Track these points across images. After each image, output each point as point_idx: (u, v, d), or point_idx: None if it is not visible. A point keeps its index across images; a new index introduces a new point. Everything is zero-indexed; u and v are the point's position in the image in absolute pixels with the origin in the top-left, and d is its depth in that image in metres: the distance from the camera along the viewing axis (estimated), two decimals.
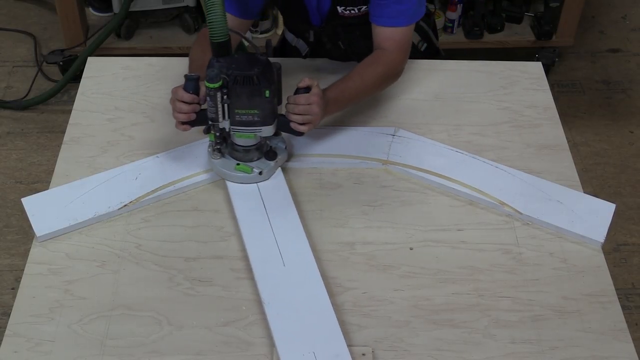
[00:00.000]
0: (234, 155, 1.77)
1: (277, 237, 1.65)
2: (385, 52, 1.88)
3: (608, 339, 1.54)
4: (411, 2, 1.85)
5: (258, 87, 1.62)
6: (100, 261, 1.64)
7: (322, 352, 1.46)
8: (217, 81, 1.61)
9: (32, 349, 1.49)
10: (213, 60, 1.64)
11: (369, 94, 1.91)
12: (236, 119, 1.67)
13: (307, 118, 1.70)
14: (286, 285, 1.57)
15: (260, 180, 1.76)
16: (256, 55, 1.65)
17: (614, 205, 1.78)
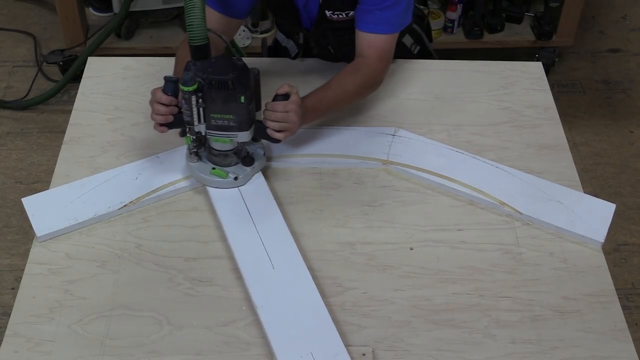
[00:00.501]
0: (211, 159, 1.75)
1: (264, 241, 1.65)
2: (366, 60, 1.87)
3: (608, 339, 1.54)
4: (396, 10, 1.84)
5: (233, 93, 1.60)
6: (101, 261, 1.64)
7: (320, 353, 1.46)
8: (192, 84, 1.59)
9: (32, 349, 1.49)
10: (190, 63, 1.63)
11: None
12: (212, 123, 1.66)
13: (284, 126, 1.68)
14: (277, 288, 1.57)
15: (235, 186, 1.74)
16: (234, 60, 1.63)
17: (614, 205, 1.78)
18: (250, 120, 1.67)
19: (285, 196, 1.79)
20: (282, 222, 1.69)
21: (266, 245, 1.64)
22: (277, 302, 1.54)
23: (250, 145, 1.78)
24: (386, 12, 1.83)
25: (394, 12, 1.84)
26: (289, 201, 1.78)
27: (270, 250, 1.63)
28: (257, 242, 1.64)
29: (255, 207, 1.72)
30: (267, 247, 1.63)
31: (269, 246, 1.64)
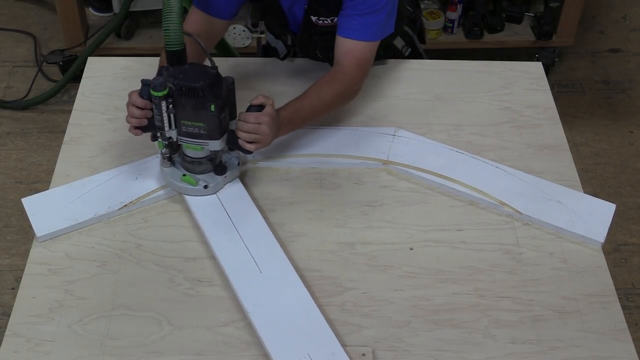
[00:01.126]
0: (184, 165, 1.74)
1: (248, 246, 1.64)
2: (344, 69, 1.84)
3: (608, 339, 1.54)
4: (377, 18, 1.82)
5: (203, 101, 1.58)
6: (101, 261, 1.64)
7: (317, 354, 1.46)
8: (162, 90, 1.58)
9: (32, 349, 1.49)
10: (163, 68, 1.62)
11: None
12: (182, 130, 1.64)
13: (255, 137, 1.65)
14: (267, 291, 1.56)
15: (205, 194, 1.72)
16: (207, 67, 1.62)
17: (614, 205, 1.78)
18: (222, 130, 1.65)
19: (285, 196, 1.79)
20: (264, 225, 1.68)
21: (251, 250, 1.63)
22: (268, 306, 1.53)
23: (225, 154, 1.76)
24: (367, 19, 1.81)
25: (375, 19, 1.82)
26: (289, 201, 1.78)
27: (256, 255, 1.62)
28: (242, 247, 1.63)
29: (235, 213, 1.70)
30: (252, 252, 1.62)
31: (254, 251, 1.63)
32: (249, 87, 1.99)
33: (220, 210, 1.71)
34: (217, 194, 1.74)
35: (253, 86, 2.01)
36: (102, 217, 1.71)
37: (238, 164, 1.77)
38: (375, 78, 2.09)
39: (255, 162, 1.84)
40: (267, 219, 1.73)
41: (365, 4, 1.79)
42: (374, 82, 2.08)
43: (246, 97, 1.70)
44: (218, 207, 1.72)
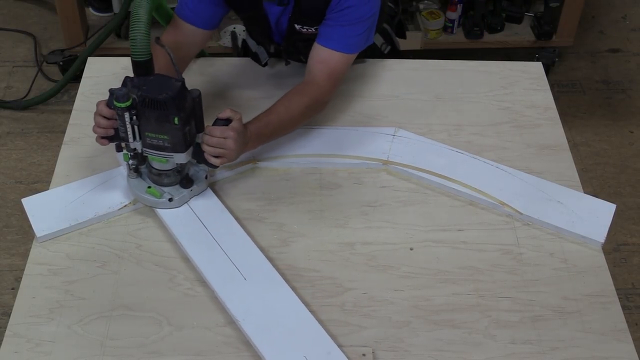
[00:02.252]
0: (151, 177, 1.71)
1: (229, 254, 1.62)
2: (315, 80, 1.82)
3: (608, 339, 1.54)
4: (358, 30, 1.80)
5: (166, 113, 1.56)
6: (101, 261, 1.64)
7: (313, 355, 1.46)
8: (125, 101, 1.56)
9: (32, 350, 1.49)
10: (127, 78, 1.60)
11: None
12: (147, 142, 1.62)
13: (220, 152, 1.63)
14: (254, 298, 1.55)
15: (169, 207, 1.70)
16: (172, 79, 1.59)
17: (614, 205, 1.78)
18: (187, 143, 1.62)
19: (285, 196, 1.79)
20: (242, 232, 1.67)
21: (232, 258, 1.61)
22: (258, 313, 1.52)
23: (193, 166, 1.74)
24: (348, 30, 1.80)
25: (356, 31, 1.80)
26: (289, 201, 1.78)
27: (238, 262, 1.60)
28: (222, 257, 1.62)
29: (211, 222, 1.68)
30: (233, 260, 1.61)
31: (235, 258, 1.61)
32: (236, 88, 2.00)
33: (196, 221, 1.68)
34: (190, 205, 1.71)
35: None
36: (102, 218, 1.71)
37: (206, 177, 1.74)
38: (375, 78, 2.09)
39: (255, 162, 1.84)
40: (267, 220, 1.73)
41: (349, 16, 1.77)
42: (374, 82, 2.08)
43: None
44: (193, 219, 1.69)
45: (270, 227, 1.72)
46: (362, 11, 1.78)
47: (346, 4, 1.76)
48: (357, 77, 2.09)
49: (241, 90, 2.04)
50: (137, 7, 1.65)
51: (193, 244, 1.65)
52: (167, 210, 1.70)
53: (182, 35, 1.85)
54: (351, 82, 2.08)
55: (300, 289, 1.60)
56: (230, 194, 1.79)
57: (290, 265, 1.65)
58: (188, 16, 1.85)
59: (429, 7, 3.40)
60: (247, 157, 1.83)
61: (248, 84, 2.06)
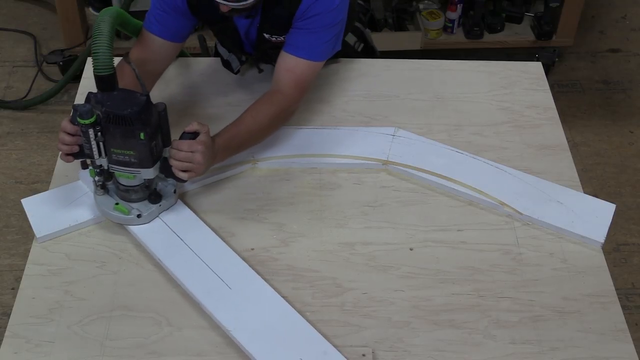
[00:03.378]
0: (118, 193, 1.68)
1: (210, 265, 1.60)
2: (281, 89, 1.80)
3: (608, 339, 1.54)
4: (324, 37, 1.79)
5: (131, 129, 1.53)
6: (100, 262, 1.64)
7: (309, 356, 1.46)
8: (89, 117, 1.53)
9: (32, 350, 1.49)
10: (90, 94, 1.57)
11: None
12: (113, 158, 1.59)
13: (188, 166, 1.60)
14: (242, 306, 1.54)
15: (138, 223, 1.66)
16: (137, 94, 1.56)
17: (614, 205, 1.78)
18: (154, 158, 1.60)
19: (285, 196, 1.79)
20: (220, 242, 1.65)
21: (214, 269, 1.60)
22: (248, 321, 1.52)
23: (160, 182, 1.71)
24: (315, 38, 1.78)
25: (322, 39, 1.79)
26: (289, 201, 1.78)
27: (220, 273, 1.59)
28: (204, 268, 1.60)
29: (187, 234, 1.66)
30: (215, 271, 1.59)
31: (217, 269, 1.60)
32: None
33: (171, 235, 1.66)
34: (163, 220, 1.69)
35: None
36: (101, 218, 1.71)
37: (174, 192, 1.71)
38: (375, 78, 2.09)
39: (255, 162, 1.84)
40: (267, 220, 1.73)
41: (315, 24, 1.76)
42: (374, 82, 2.08)
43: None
44: (168, 233, 1.67)
45: (270, 227, 1.72)
46: (329, 19, 1.76)
47: (312, 12, 1.74)
48: (356, 77, 2.09)
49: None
50: (100, 22, 1.63)
51: (172, 258, 1.62)
52: (140, 226, 1.67)
53: (151, 50, 1.83)
54: (350, 82, 2.08)
55: (300, 289, 1.60)
56: (230, 194, 1.79)
57: (290, 265, 1.65)
58: (156, 30, 1.83)
59: (429, 7, 3.40)
60: (247, 157, 1.83)
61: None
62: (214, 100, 2.02)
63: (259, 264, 1.64)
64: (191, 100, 2.02)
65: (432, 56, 2.25)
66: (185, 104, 2.00)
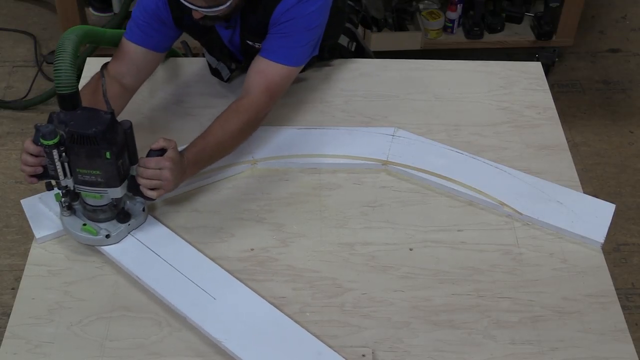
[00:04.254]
0: (85, 214, 1.64)
1: (190, 277, 1.58)
2: (250, 94, 1.76)
3: (608, 339, 1.54)
4: (300, 41, 1.76)
5: (97, 148, 1.50)
6: (100, 262, 1.64)
7: (304, 358, 1.46)
8: (52, 138, 1.49)
9: (32, 351, 1.48)
10: (52, 114, 1.53)
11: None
12: (79, 178, 1.56)
13: (156, 183, 1.57)
14: (229, 316, 1.53)
15: (108, 244, 1.63)
16: (100, 112, 1.53)
17: (614, 205, 1.77)
18: (121, 176, 1.56)
19: (285, 196, 1.79)
20: (197, 253, 1.63)
21: (196, 281, 1.58)
22: (237, 329, 1.50)
23: (129, 200, 1.67)
24: (288, 41, 1.75)
25: (297, 43, 1.76)
26: (288, 202, 1.78)
27: (202, 284, 1.57)
28: (185, 282, 1.58)
29: (162, 249, 1.63)
30: (197, 283, 1.57)
31: (199, 280, 1.58)
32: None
33: (146, 252, 1.63)
34: (136, 236, 1.65)
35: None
36: None
37: (143, 210, 1.68)
38: (375, 78, 2.09)
39: (254, 162, 1.84)
40: (266, 220, 1.73)
41: (290, 28, 1.74)
42: (373, 82, 2.08)
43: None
44: (142, 250, 1.64)
45: (269, 228, 1.72)
46: (304, 23, 1.74)
47: (287, 16, 1.72)
48: (356, 77, 2.09)
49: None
50: (64, 39, 1.60)
51: (150, 274, 1.59)
52: (113, 246, 1.64)
53: (131, 60, 1.80)
54: (349, 82, 2.08)
55: (299, 289, 1.60)
56: (229, 194, 1.79)
57: (290, 265, 1.65)
58: (138, 39, 1.80)
59: (429, 7, 3.40)
60: (246, 157, 1.83)
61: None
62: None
63: (258, 265, 1.64)
64: (182, 100, 2.01)
65: (432, 56, 2.25)
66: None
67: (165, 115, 1.95)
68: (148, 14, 1.78)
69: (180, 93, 2.03)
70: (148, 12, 1.78)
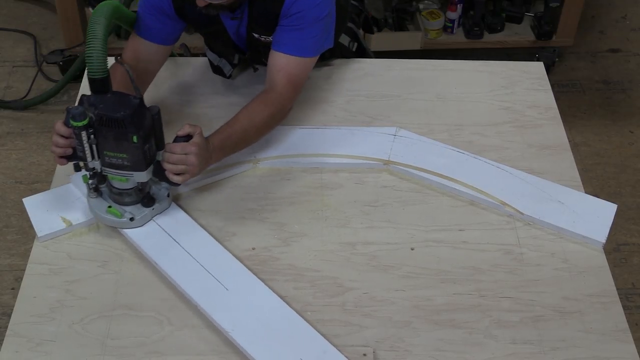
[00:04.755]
0: (111, 196, 1.67)
1: (206, 267, 1.60)
2: (276, 88, 1.80)
3: (609, 339, 1.54)
4: (312, 32, 1.78)
5: (124, 131, 1.53)
6: (101, 261, 1.64)
7: (309, 356, 1.46)
8: (82, 120, 1.52)
9: (33, 349, 1.48)
10: (84, 97, 1.57)
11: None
12: (106, 161, 1.59)
13: (182, 168, 1.59)
14: (240, 307, 1.54)
15: (131, 227, 1.65)
16: (130, 97, 1.56)
17: (615, 205, 1.78)
18: (147, 161, 1.59)
19: (286, 196, 1.79)
20: (215, 243, 1.65)
21: (210, 270, 1.59)
22: (246, 321, 1.51)
23: (154, 185, 1.70)
24: (301, 34, 1.77)
25: (310, 34, 1.79)
26: (290, 201, 1.78)
27: (217, 274, 1.58)
28: (200, 270, 1.59)
29: (182, 237, 1.65)
30: (212, 272, 1.59)
31: (214, 270, 1.59)
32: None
33: (166, 237, 1.66)
34: (157, 222, 1.68)
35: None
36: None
37: (167, 195, 1.70)
38: (376, 78, 2.10)
39: (256, 161, 1.84)
40: (268, 219, 1.73)
41: (300, 20, 1.76)
42: (375, 82, 2.08)
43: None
44: (162, 235, 1.66)
45: (271, 227, 1.72)
46: (313, 14, 1.76)
47: (296, 8, 1.74)
48: (357, 77, 2.09)
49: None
50: (94, 24, 1.62)
51: (167, 260, 1.61)
52: (133, 230, 1.66)
53: (142, 53, 1.83)
54: (351, 82, 2.08)
55: (301, 288, 1.60)
56: (231, 193, 1.79)
57: (291, 265, 1.65)
58: (145, 34, 1.83)
59: (429, 7, 3.40)
60: (248, 157, 1.83)
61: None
62: (207, 101, 2.01)
63: (260, 264, 1.64)
64: (184, 100, 2.02)
65: (432, 56, 2.25)
66: (178, 104, 2.00)
67: (169, 115, 1.95)
68: (153, 8, 1.80)
69: (182, 92, 2.03)
70: (152, 6, 1.80)
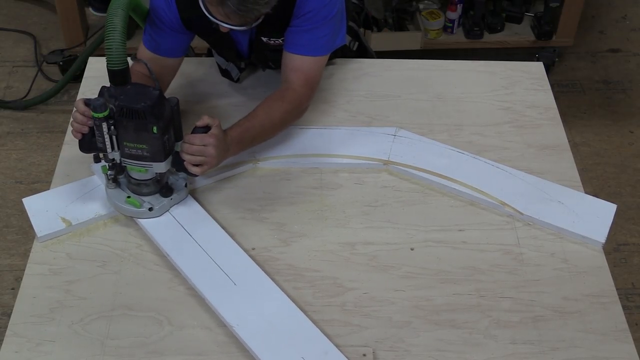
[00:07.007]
0: (130, 187, 1.70)
1: (216, 260, 1.61)
2: (292, 86, 1.81)
3: (609, 339, 1.54)
4: (323, 32, 1.79)
5: (144, 122, 1.55)
6: (101, 261, 1.64)
7: (310, 355, 1.46)
8: (102, 111, 1.55)
9: (33, 349, 1.49)
10: (104, 88, 1.59)
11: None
12: (125, 152, 1.61)
13: (200, 159, 1.62)
14: (246, 303, 1.54)
15: (150, 217, 1.68)
16: (149, 88, 1.58)
17: (615, 205, 1.78)
18: (166, 152, 1.61)
19: (286, 196, 1.79)
20: (227, 238, 1.66)
21: (220, 264, 1.60)
22: (251, 317, 1.52)
23: (172, 176, 1.72)
24: (315, 33, 1.78)
25: (321, 33, 1.79)
26: (290, 201, 1.78)
27: (226, 268, 1.60)
28: (210, 263, 1.61)
29: (195, 229, 1.67)
30: (221, 266, 1.60)
31: (223, 264, 1.60)
32: None
33: (179, 229, 1.67)
34: (172, 214, 1.70)
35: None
36: (102, 217, 1.71)
37: (185, 186, 1.73)
38: (376, 78, 2.09)
39: (256, 161, 1.84)
40: (268, 219, 1.73)
41: (311, 20, 1.76)
42: (375, 82, 2.08)
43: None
44: (176, 227, 1.68)
45: (270, 227, 1.72)
46: (323, 13, 1.77)
47: (305, 9, 1.75)
48: (357, 77, 2.09)
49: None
50: (112, 16, 1.63)
51: (179, 252, 1.63)
52: (149, 220, 1.68)
53: (153, 66, 1.79)
54: (352, 82, 2.08)
55: (300, 289, 1.60)
56: (231, 193, 1.79)
57: (291, 265, 1.65)
58: (153, 48, 1.83)
59: (429, 7, 3.40)
60: (248, 157, 1.83)
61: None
62: (215, 101, 2.02)
63: (260, 264, 1.64)
64: (192, 100, 2.02)
65: (432, 56, 2.25)
66: (187, 104, 2.00)
67: None
68: (161, 22, 1.80)
69: (189, 93, 2.03)
70: (159, 21, 1.80)
